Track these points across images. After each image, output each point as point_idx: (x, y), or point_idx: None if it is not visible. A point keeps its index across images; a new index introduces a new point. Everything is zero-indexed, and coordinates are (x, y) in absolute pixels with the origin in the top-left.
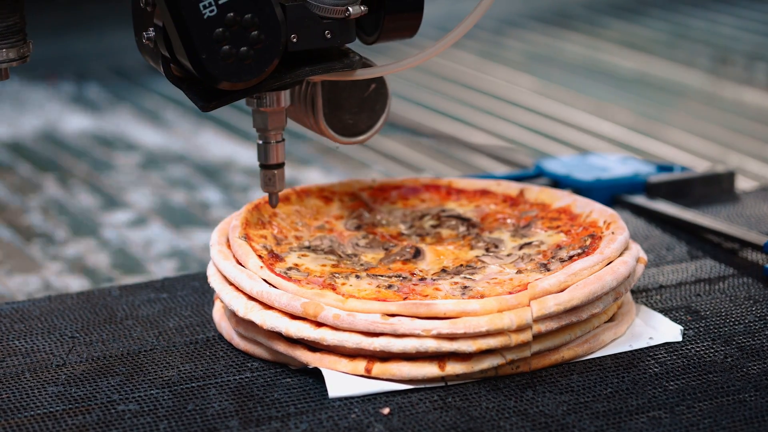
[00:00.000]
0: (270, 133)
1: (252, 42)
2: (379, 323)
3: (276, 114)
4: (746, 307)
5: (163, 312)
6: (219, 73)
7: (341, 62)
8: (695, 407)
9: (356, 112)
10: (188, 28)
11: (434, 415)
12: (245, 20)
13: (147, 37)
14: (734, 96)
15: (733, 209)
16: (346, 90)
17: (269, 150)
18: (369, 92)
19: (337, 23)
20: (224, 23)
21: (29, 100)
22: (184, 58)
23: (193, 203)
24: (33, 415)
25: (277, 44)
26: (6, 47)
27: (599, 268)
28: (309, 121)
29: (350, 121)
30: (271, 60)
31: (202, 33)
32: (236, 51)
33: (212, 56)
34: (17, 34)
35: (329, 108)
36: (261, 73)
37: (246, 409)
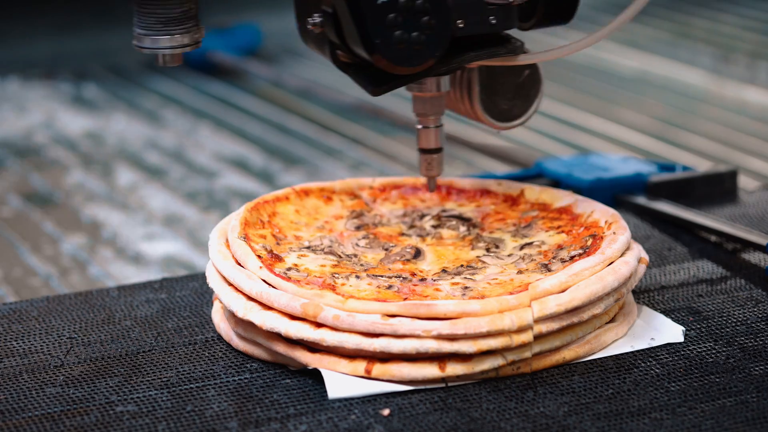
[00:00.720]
0: (430, 117)
1: (423, 27)
2: (379, 324)
3: (436, 99)
4: (748, 307)
5: (162, 312)
6: (391, 57)
7: (505, 47)
8: (697, 408)
9: (511, 97)
10: (363, 13)
11: (434, 417)
12: (417, 6)
13: (312, 23)
14: (736, 95)
15: (735, 209)
16: (502, 76)
17: (429, 134)
18: (523, 78)
19: (501, 9)
20: (397, 9)
21: (27, 98)
22: (356, 44)
23: (192, 203)
24: (31, 416)
25: (447, 29)
26: (181, 33)
27: (600, 269)
28: (464, 106)
29: (505, 106)
30: (441, 45)
31: (376, 18)
32: (408, 36)
33: (385, 41)
34: (192, 19)
35: (485, 93)
36: (431, 58)
37: (245, 410)
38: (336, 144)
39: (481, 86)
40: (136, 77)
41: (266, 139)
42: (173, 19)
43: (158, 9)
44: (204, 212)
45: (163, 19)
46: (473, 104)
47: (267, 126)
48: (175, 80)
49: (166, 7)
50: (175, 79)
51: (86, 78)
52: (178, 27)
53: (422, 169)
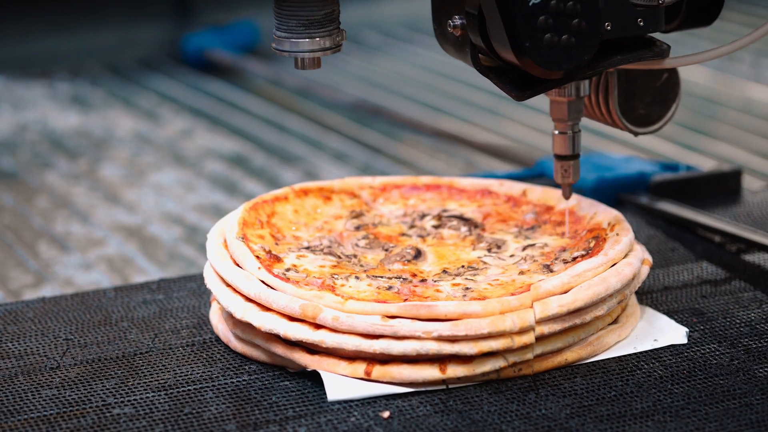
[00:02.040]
0: (568, 123)
1: (573, 30)
2: (378, 325)
3: (575, 104)
4: (753, 308)
5: (159, 314)
6: (541, 61)
7: (651, 51)
8: (701, 411)
9: (649, 102)
10: (513, 15)
11: (435, 419)
12: (568, 8)
13: (453, 25)
14: (741, 94)
15: (740, 209)
16: (640, 79)
17: (567, 140)
18: (662, 81)
19: (649, 11)
20: (548, 11)
21: (24, 97)
22: (503, 47)
23: (190, 202)
24: (27, 418)
25: (597, 32)
26: (321, 36)
27: (603, 270)
28: (600, 111)
29: (642, 111)
30: (590, 49)
31: (526, 20)
32: (558, 39)
33: (535, 44)
34: (333, 22)
35: (623, 98)
36: (580, 62)
37: (243, 412)
38: (335, 143)
39: (619, 90)
40: (134, 76)
41: (265, 138)
42: (315, 22)
43: (300, 12)
44: (202, 212)
45: (305, 21)
46: (611, 109)
47: (265, 125)
48: (172, 78)
49: (309, 9)
50: (172, 78)
51: (82, 76)
52: (320, 30)
53: (557, 176)
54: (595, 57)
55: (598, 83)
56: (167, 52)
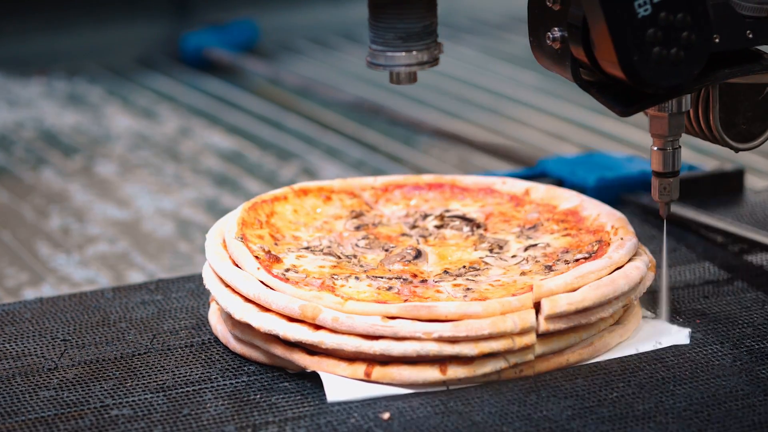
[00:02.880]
0: (668, 138)
1: (682, 43)
2: (379, 326)
3: (676, 118)
4: (755, 309)
5: (158, 314)
6: (650, 75)
7: (759, 64)
8: (703, 412)
9: (750, 116)
10: (622, 28)
11: (435, 420)
12: (677, 20)
13: (553, 38)
14: None
15: (742, 209)
16: (742, 93)
17: (666, 157)
18: (764, 95)
19: (759, 22)
20: (657, 23)
21: (21, 95)
22: (609, 60)
23: (188, 202)
24: (24, 420)
25: (707, 45)
26: (419, 49)
27: (606, 273)
28: (699, 126)
29: (743, 126)
30: (700, 62)
31: (635, 33)
32: (667, 53)
33: (644, 58)
34: (432, 34)
35: (724, 112)
36: (689, 76)
37: (242, 413)
38: (335, 142)
39: (720, 104)
40: (132, 74)
41: (264, 137)
42: (414, 35)
43: (398, 24)
44: (200, 210)
45: (403, 34)
46: (711, 124)
47: (264, 124)
48: (171, 78)
49: (407, 21)
50: (171, 77)
51: (80, 75)
52: (418, 43)
53: (655, 193)
54: (702, 70)
55: (698, 97)
56: (166, 50)
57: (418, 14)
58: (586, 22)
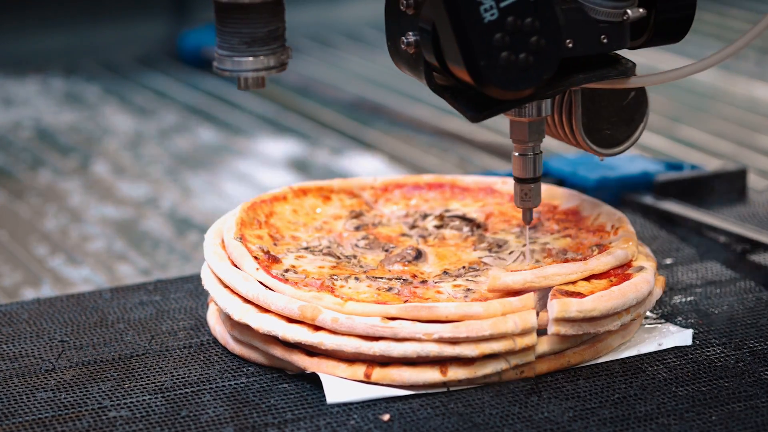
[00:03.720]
0: (528, 144)
1: (531, 48)
2: (378, 327)
3: (536, 124)
4: (758, 310)
5: (156, 315)
6: (496, 81)
7: (615, 69)
8: (705, 414)
9: (614, 122)
10: (467, 32)
11: (436, 422)
12: (526, 25)
13: (407, 43)
14: (746, 92)
15: (745, 209)
16: (605, 98)
17: (527, 163)
18: (628, 100)
19: (613, 27)
20: (504, 28)
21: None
22: (458, 65)
23: (185, 202)
24: (21, 421)
25: (557, 51)
26: (266, 54)
27: (576, 278)
28: (563, 131)
29: (608, 131)
30: (551, 68)
31: (481, 38)
32: (515, 58)
33: (491, 63)
34: (278, 39)
35: (587, 117)
36: (539, 82)
37: (241, 415)
38: (334, 142)
39: (583, 110)
40: (130, 73)
41: (263, 136)
42: (258, 40)
43: (243, 29)
44: (198, 209)
45: (248, 39)
46: (574, 129)
47: (263, 122)
48: (169, 76)
49: (253, 26)
50: (169, 76)
51: (78, 73)
52: (264, 48)
53: (517, 200)
54: (556, 76)
55: (561, 102)
56: (164, 49)
57: (262, 19)
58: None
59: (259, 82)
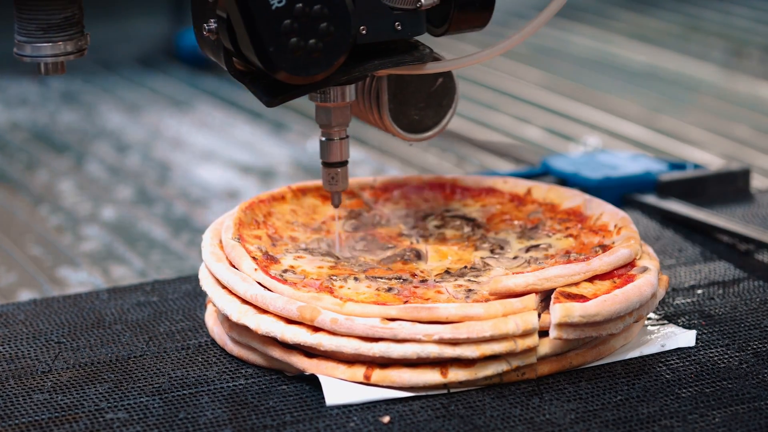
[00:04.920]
0: (334, 129)
1: (321, 34)
2: (378, 328)
3: (340, 109)
4: (762, 311)
5: (154, 316)
6: (286, 66)
7: (411, 55)
8: (709, 415)
9: (422, 107)
10: (255, 19)
11: (436, 424)
12: (314, 11)
13: (208, 29)
14: (750, 91)
15: (749, 209)
16: (413, 84)
17: (332, 147)
18: (436, 87)
19: (407, 14)
20: (293, 14)
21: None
22: (250, 52)
23: (183, 202)
24: (17, 423)
25: (346, 37)
26: (64, 40)
27: (580, 279)
28: (373, 117)
29: (416, 117)
30: (340, 53)
31: (269, 25)
32: (304, 44)
33: (280, 49)
34: (75, 26)
35: (395, 103)
36: (329, 67)
37: (240, 417)
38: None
39: (390, 95)
40: (128, 72)
41: (261, 135)
42: (55, 26)
43: (39, 15)
44: (195, 207)
45: (44, 25)
46: (382, 114)
47: (262, 122)
48: (167, 75)
49: (48, 12)
50: (167, 74)
51: (75, 73)
52: (61, 34)
53: (325, 183)
54: (351, 62)
55: (370, 88)
56: (162, 48)
57: (58, 5)
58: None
59: (58, 67)
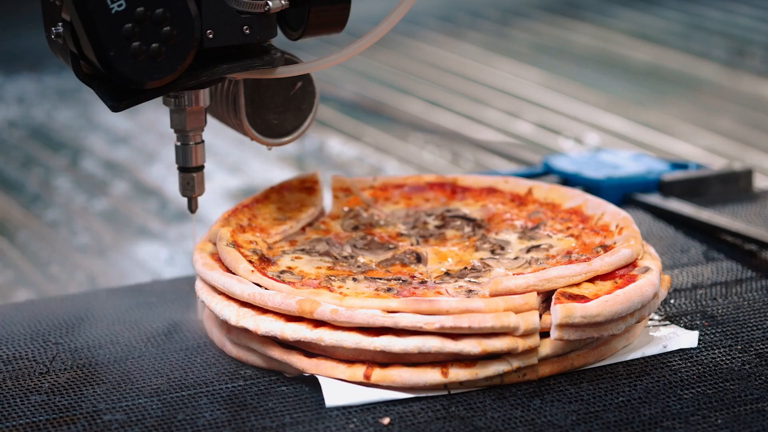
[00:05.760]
0: (189, 134)
1: (163, 38)
2: (379, 317)
3: (194, 114)
4: (765, 311)
5: (152, 317)
6: (128, 71)
7: (261, 59)
8: (711, 417)
9: (281, 111)
10: (95, 23)
11: (437, 426)
12: (156, 15)
13: (56, 33)
14: (752, 89)
15: (751, 209)
16: (270, 88)
17: (188, 152)
18: (295, 91)
19: (256, 18)
20: (134, 18)
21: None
22: (92, 56)
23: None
24: (15, 425)
25: (190, 40)
26: None
27: (581, 280)
28: (232, 121)
29: (275, 121)
30: (183, 57)
31: (109, 28)
32: (147, 48)
33: (121, 53)
34: None
35: (252, 107)
36: (173, 71)
37: (239, 419)
38: (332, 140)
39: (247, 99)
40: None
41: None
42: None
43: None
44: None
45: None
46: (240, 118)
47: None
48: None
49: None
50: None
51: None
52: None
53: (180, 188)
54: (199, 66)
55: (228, 92)
56: None
57: None
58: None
59: None
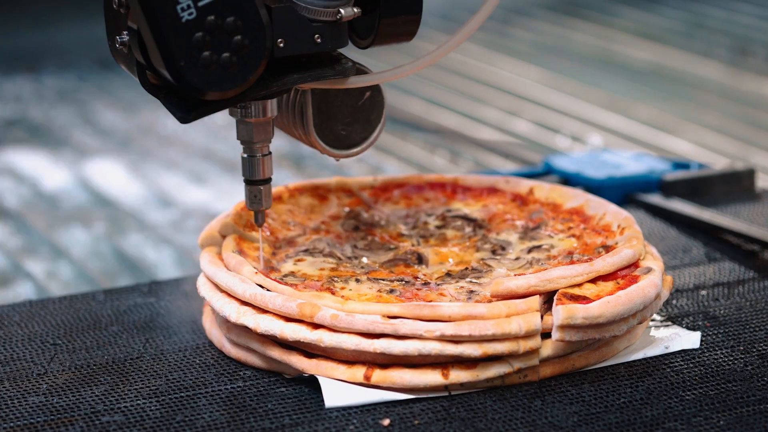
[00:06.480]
0: (255, 145)
1: (235, 47)
2: (379, 323)
3: (262, 125)
4: (767, 312)
5: (151, 317)
6: (199, 81)
7: (333, 69)
8: (713, 418)
9: (349, 122)
10: (164, 32)
11: (437, 427)
12: (227, 24)
13: (120, 42)
14: (754, 89)
15: (754, 209)
16: (339, 99)
17: (255, 164)
18: (363, 101)
19: (327, 26)
20: (204, 27)
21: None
22: (161, 66)
23: (182, 196)
24: (12, 426)
25: (262, 50)
26: None
27: (582, 280)
28: (298, 132)
29: (343, 132)
30: (255, 67)
31: (179, 38)
32: (218, 57)
33: (191, 63)
34: None
35: (320, 118)
36: (244, 82)
37: (238, 420)
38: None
39: (315, 110)
40: (123, 70)
41: None
42: None
43: None
44: (192, 206)
45: None
46: (307, 130)
47: None
48: None
49: None
50: None
51: (70, 70)
52: None
53: (247, 201)
54: (269, 76)
55: (295, 102)
56: None
57: None
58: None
59: None
